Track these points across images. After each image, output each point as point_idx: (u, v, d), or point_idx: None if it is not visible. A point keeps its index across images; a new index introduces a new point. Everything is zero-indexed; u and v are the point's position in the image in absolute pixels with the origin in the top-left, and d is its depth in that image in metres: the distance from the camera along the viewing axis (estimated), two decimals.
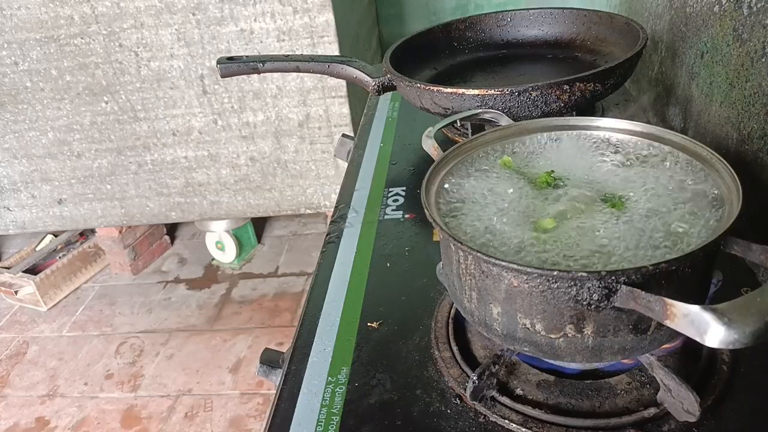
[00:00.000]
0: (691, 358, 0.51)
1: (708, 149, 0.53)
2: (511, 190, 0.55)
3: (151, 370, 1.86)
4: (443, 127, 0.66)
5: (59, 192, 1.96)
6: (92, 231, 2.31)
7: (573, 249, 0.46)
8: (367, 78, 0.94)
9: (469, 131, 0.90)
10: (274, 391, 0.56)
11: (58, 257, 2.26)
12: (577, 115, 0.68)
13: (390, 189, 0.86)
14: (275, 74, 1.73)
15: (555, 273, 0.41)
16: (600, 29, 1.00)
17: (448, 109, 0.83)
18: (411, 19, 2.40)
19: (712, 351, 0.51)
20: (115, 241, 2.23)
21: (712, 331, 0.34)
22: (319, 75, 1.57)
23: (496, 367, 0.50)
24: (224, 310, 2.07)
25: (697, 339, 0.35)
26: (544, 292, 0.43)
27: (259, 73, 0.97)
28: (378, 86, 0.93)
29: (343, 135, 1.12)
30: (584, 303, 0.42)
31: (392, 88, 0.93)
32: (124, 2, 1.65)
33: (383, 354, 0.57)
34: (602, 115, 0.61)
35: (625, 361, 0.51)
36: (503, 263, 0.43)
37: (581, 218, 0.50)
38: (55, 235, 2.37)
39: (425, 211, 0.49)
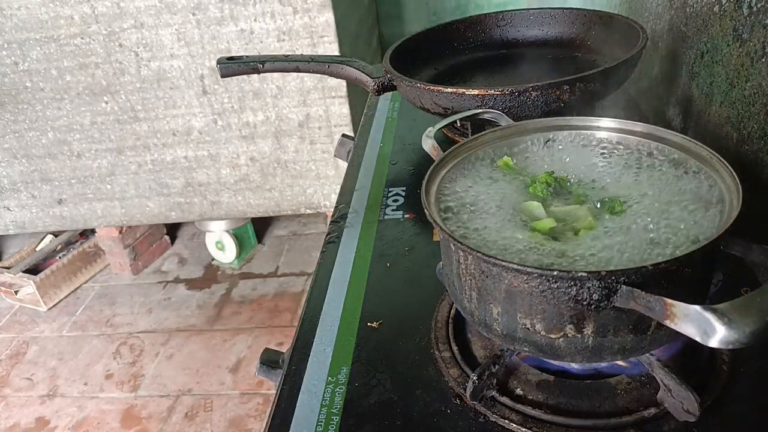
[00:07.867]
0: (691, 358, 0.51)
1: (708, 149, 0.53)
2: (511, 191, 0.55)
3: (151, 370, 1.86)
4: (443, 127, 0.66)
5: (59, 192, 1.96)
6: (92, 231, 2.30)
7: (572, 249, 0.46)
8: (367, 78, 0.94)
9: (469, 131, 0.90)
10: (274, 391, 0.56)
11: (58, 257, 2.26)
12: (577, 115, 0.68)
13: (390, 189, 0.86)
14: (275, 74, 1.72)
15: (555, 273, 0.41)
16: (600, 29, 1.00)
17: (448, 109, 0.83)
18: (411, 19, 2.40)
19: (712, 351, 0.51)
20: (115, 241, 2.23)
21: (712, 331, 0.34)
22: (319, 75, 1.57)
23: (496, 367, 0.50)
24: (224, 310, 2.07)
25: (697, 339, 0.35)
26: (544, 292, 0.43)
27: (259, 73, 0.97)
28: (378, 86, 0.93)
29: (343, 135, 1.12)
30: (584, 303, 0.42)
31: (392, 88, 0.93)
32: (124, 2, 1.65)
33: (383, 354, 0.57)
34: (602, 115, 0.61)
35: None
36: (503, 263, 0.43)
37: (581, 219, 0.50)
38: (55, 235, 2.37)
39: (425, 211, 0.49)
